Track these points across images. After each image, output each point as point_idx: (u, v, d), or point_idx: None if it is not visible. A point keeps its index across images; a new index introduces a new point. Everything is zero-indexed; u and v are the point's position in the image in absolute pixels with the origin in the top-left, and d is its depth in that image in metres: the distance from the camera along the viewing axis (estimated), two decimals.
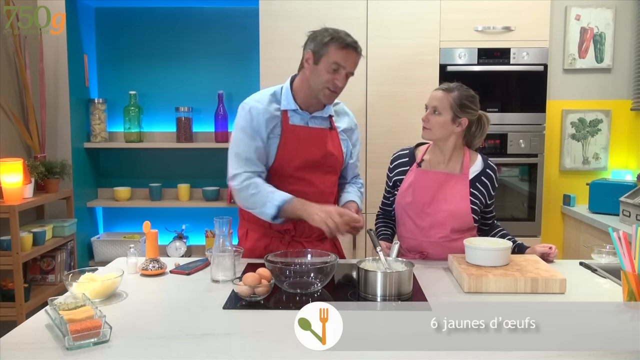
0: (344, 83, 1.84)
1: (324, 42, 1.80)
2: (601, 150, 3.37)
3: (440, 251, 1.90)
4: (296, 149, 1.88)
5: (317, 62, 1.82)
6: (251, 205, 1.85)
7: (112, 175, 3.57)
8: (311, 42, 1.84)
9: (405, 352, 1.18)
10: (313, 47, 1.83)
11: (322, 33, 1.82)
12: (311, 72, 1.84)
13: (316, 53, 1.81)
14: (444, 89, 1.91)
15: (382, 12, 3.02)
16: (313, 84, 1.85)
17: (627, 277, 1.44)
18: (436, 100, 1.90)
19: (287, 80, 1.95)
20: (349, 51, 1.80)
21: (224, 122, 3.41)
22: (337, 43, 1.79)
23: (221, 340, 1.23)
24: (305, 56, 1.85)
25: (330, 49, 1.79)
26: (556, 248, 1.91)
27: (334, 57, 1.79)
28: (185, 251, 3.23)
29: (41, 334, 1.27)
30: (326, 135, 1.94)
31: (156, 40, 3.48)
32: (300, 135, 1.89)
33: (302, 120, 1.91)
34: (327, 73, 1.81)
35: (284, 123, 1.89)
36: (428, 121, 1.91)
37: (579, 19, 3.28)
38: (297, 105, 1.89)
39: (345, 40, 1.79)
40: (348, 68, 1.82)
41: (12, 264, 2.56)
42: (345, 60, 1.80)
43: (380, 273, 1.51)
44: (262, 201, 1.80)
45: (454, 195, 1.93)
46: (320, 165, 1.93)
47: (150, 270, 1.73)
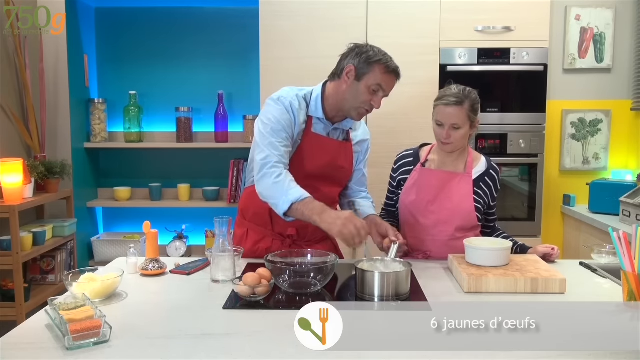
0: (379, 105, 1.80)
1: (371, 61, 1.75)
2: (601, 150, 3.37)
3: (444, 250, 1.90)
4: (311, 157, 1.86)
5: (359, 79, 1.76)
6: (269, 193, 1.72)
7: (112, 175, 3.57)
8: (355, 56, 1.77)
9: (405, 352, 1.18)
10: (357, 63, 1.76)
11: (368, 50, 1.77)
12: (350, 87, 1.78)
13: (359, 69, 1.76)
14: (456, 102, 1.84)
15: (382, 12, 3.02)
16: (349, 99, 1.79)
17: (627, 277, 1.44)
18: (454, 117, 1.84)
19: (319, 85, 1.88)
20: (393, 77, 1.78)
21: (224, 122, 3.41)
22: (384, 65, 1.75)
23: (221, 340, 1.23)
24: (346, 69, 1.78)
25: (376, 70, 1.75)
26: (558, 249, 1.90)
27: (378, 79, 1.75)
28: (185, 251, 3.23)
29: (41, 334, 1.27)
30: (341, 148, 1.92)
31: (156, 40, 3.49)
32: (319, 145, 1.86)
33: (325, 130, 1.88)
34: (367, 93, 1.76)
35: (307, 129, 1.85)
36: (449, 137, 1.86)
37: (579, 19, 3.28)
38: (324, 114, 1.85)
39: (392, 64, 1.77)
40: (387, 92, 1.79)
41: (12, 264, 2.56)
42: (387, 84, 1.77)
43: (378, 273, 1.50)
44: (280, 193, 1.68)
45: (457, 193, 1.93)
46: (329, 177, 1.91)
47: (150, 270, 1.72)
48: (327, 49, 2.21)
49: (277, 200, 1.69)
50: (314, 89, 1.88)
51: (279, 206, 1.69)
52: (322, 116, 1.85)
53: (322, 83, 1.89)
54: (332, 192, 1.97)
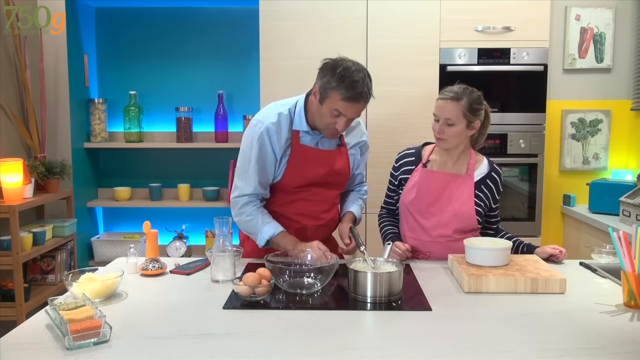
0: (345, 127, 1.77)
1: (328, 87, 1.71)
2: (601, 150, 3.37)
3: (443, 250, 1.90)
4: (303, 169, 1.86)
5: (321, 102, 1.74)
6: (246, 229, 1.90)
7: (112, 175, 3.57)
8: (320, 77, 1.74)
9: (405, 352, 1.18)
10: (320, 85, 1.74)
11: (331, 71, 1.70)
12: (316, 107, 1.78)
13: (322, 92, 1.74)
14: (452, 97, 1.85)
15: (382, 12, 3.02)
16: (317, 118, 1.80)
17: (627, 277, 1.45)
18: (448, 112, 1.85)
19: (302, 96, 1.87)
20: (352, 104, 1.70)
21: (224, 122, 3.41)
22: (340, 92, 1.69)
23: (221, 340, 1.23)
24: (314, 89, 1.78)
25: (334, 96, 1.70)
26: (566, 251, 1.90)
27: (335, 105, 1.71)
28: (185, 251, 3.23)
29: (41, 334, 1.27)
30: (335, 155, 1.91)
31: (156, 40, 3.49)
32: (309, 156, 1.86)
33: (313, 140, 1.87)
34: (329, 116, 1.74)
35: (294, 143, 1.85)
36: (442, 132, 1.87)
37: (579, 19, 3.28)
38: (309, 126, 1.84)
39: (347, 92, 1.68)
40: (349, 116, 1.74)
41: (12, 264, 2.56)
42: (346, 110, 1.72)
43: (370, 274, 1.49)
44: (255, 230, 1.85)
45: (458, 195, 1.93)
46: (326, 183, 1.92)
47: (150, 270, 1.73)
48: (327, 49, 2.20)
49: (255, 236, 1.88)
50: (298, 100, 1.87)
51: (257, 241, 1.87)
52: (307, 129, 1.84)
53: (305, 94, 1.87)
54: (331, 196, 1.98)
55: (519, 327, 1.32)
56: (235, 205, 1.87)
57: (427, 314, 1.41)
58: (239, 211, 1.87)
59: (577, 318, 1.38)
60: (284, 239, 1.82)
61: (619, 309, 1.44)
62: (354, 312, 1.43)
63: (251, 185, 1.84)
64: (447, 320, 1.37)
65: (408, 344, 1.22)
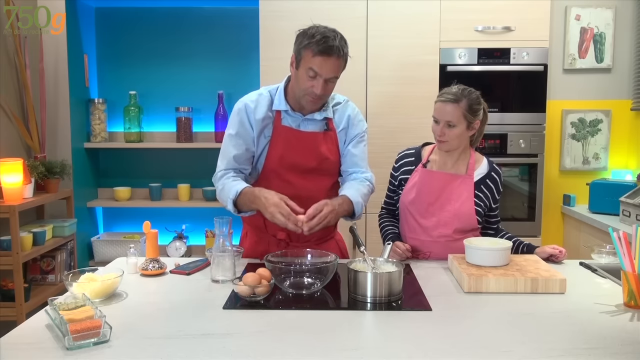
0: (323, 90, 1.73)
1: (300, 47, 1.71)
2: (601, 150, 3.37)
3: (443, 250, 1.90)
4: (286, 151, 1.84)
5: (297, 67, 1.74)
6: (222, 202, 1.84)
7: (112, 175, 3.57)
8: (295, 43, 1.75)
9: (405, 352, 1.18)
10: (295, 50, 1.75)
11: (303, 34, 1.72)
12: (294, 76, 1.78)
13: (297, 56, 1.74)
14: (452, 100, 1.85)
15: (382, 12, 3.02)
16: (295, 87, 1.79)
17: (627, 277, 1.45)
18: (448, 114, 1.85)
19: (285, 78, 1.90)
20: (324, 58, 1.67)
21: (224, 122, 3.41)
22: (311, 49, 1.67)
23: (221, 340, 1.23)
24: (291, 58, 1.79)
25: (307, 55, 1.69)
26: (565, 251, 1.90)
27: (309, 63, 1.69)
28: (185, 251, 3.23)
29: (41, 334, 1.27)
30: (320, 139, 1.87)
31: (156, 40, 3.49)
32: (291, 138, 1.84)
33: (295, 122, 1.86)
34: (306, 79, 1.72)
35: (275, 124, 1.85)
36: (444, 135, 1.87)
37: (579, 19, 3.28)
38: (289, 106, 1.84)
39: (318, 46, 1.66)
40: (325, 75, 1.70)
41: (12, 264, 2.56)
42: (320, 67, 1.69)
43: (370, 274, 1.49)
44: (226, 197, 1.79)
45: (458, 195, 1.93)
46: (314, 170, 1.88)
47: (150, 270, 1.73)
48: None
49: (226, 204, 1.79)
50: (279, 85, 1.90)
51: (229, 207, 1.79)
52: (287, 108, 1.84)
53: (287, 76, 1.89)
54: (321, 186, 1.90)
55: (519, 327, 1.32)
56: (214, 182, 1.88)
57: (427, 314, 1.41)
58: (216, 185, 1.86)
59: (577, 318, 1.38)
60: (246, 195, 1.73)
61: (619, 309, 1.44)
62: (354, 312, 1.43)
63: (226, 158, 1.85)
64: (447, 320, 1.37)
65: (408, 344, 1.22)
